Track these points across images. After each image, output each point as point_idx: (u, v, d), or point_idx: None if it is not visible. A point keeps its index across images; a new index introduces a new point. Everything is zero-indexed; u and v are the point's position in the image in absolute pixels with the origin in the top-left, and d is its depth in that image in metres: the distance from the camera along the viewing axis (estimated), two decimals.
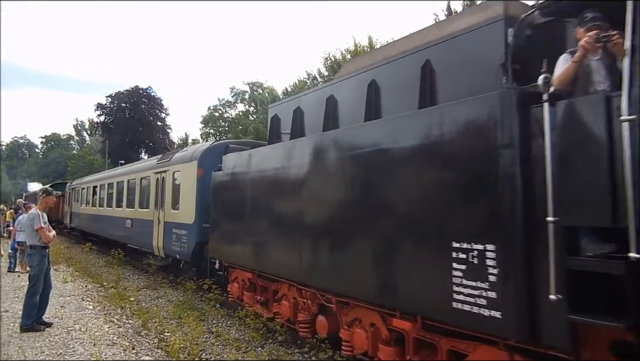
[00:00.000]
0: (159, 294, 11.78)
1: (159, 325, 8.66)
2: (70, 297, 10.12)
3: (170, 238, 12.24)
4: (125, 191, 17.39)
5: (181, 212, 11.82)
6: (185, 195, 11.67)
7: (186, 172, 11.85)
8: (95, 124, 67.03)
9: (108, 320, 8.38)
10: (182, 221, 11.60)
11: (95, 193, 22.65)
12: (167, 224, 12.67)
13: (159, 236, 13.20)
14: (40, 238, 7.54)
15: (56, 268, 13.81)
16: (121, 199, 17.91)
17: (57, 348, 6.56)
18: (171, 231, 12.24)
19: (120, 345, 6.81)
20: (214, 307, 9.87)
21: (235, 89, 57.94)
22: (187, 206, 11.45)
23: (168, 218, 12.66)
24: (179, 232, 11.72)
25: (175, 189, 12.53)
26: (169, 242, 12.40)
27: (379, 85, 5.92)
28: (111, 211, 19.07)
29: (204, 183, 10.59)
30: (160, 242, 13.09)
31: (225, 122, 56.19)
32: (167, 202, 12.86)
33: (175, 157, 13.09)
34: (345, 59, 34.62)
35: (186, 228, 11.36)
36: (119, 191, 18.49)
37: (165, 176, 13.21)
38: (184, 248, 11.36)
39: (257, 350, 7.38)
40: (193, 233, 11.02)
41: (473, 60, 4.61)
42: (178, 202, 12.18)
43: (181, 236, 11.55)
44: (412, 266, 4.70)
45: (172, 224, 12.25)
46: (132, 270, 16.26)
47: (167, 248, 12.58)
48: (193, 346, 7.03)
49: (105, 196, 20.57)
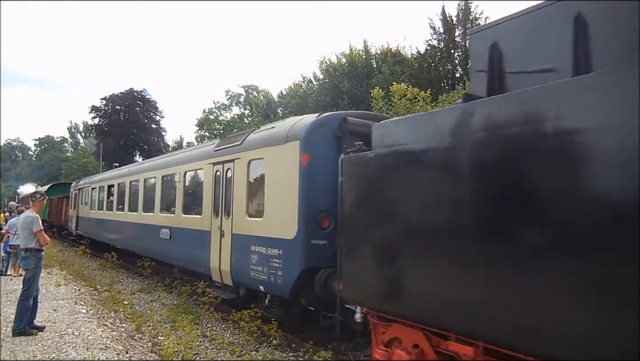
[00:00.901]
0: (153, 298, 11.71)
1: (153, 328, 8.62)
2: (63, 301, 10.04)
3: (247, 258, 8.22)
4: (159, 191, 13.22)
5: (269, 221, 7.87)
6: (278, 195, 7.72)
7: (278, 159, 7.86)
8: (90, 127, 66.82)
9: (101, 324, 8.33)
10: (273, 235, 7.68)
11: (111, 193, 18.40)
12: (238, 238, 8.70)
13: (222, 254, 9.17)
14: (37, 240, 7.51)
15: (49, 271, 13.73)
16: (151, 202, 13.66)
17: (49, 352, 6.52)
18: (247, 248, 8.25)
19: (113, 349, 6.78)
20: (209, 310, 9.83)
21: (231, 92, 58.24)
22: (283, 211, 7.52)
23: (240, 229, 8.68)
24: (266, 251, 7.77)
25: (254, 186, 8.59)
26: (243, 265, 8.36)
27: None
28: (136, 217, 14.84)
29: (313, 174, 7.09)
30: (224, 263, 9.01)
31: (220, 125, 56.24)
32: (237, 205, 8.82)
33: (251, 139, 8.87)
34: (340, 62, 34.75)
35: (281, 245, 7.44)
36: (147, 190, 14.37)
37: (233, 167, 9.11)
38: (277, 276, 7.43)
39: (252, 353, 7.36)
40: (296, 253, 7.12)
41: None
42: (262, 206, 8.16)
43: (270, 258, 7.63)
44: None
45: (251, 238, 8.24)
46: (126, 273, 16.18)
47: (240, 274, 8.59)
48: (187, 350, 6.99)
49: (126, 198, 16.29)
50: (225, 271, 8.96)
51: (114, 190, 17.96)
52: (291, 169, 7.33)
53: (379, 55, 34.47)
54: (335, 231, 6.56)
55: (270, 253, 7.68)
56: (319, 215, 7.03)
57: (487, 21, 33.15)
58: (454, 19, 32.73)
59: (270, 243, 7.73)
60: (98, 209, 20.03)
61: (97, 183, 20.92)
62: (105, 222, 18.71)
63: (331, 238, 6.73)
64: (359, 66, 33.78)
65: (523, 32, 4.37)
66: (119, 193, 17.40)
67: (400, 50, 34.59)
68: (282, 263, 7.37)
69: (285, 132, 7.77)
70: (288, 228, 7.29)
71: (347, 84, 32.42)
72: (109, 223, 18.16)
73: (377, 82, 28.59)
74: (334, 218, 6.74)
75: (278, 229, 7.57)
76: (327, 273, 6.67)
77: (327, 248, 6.84)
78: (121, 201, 16.96)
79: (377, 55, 34.60)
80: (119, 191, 17.40)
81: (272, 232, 7.73)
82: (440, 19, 32.77)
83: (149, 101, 62.20)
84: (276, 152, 7.89)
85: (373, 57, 34.80)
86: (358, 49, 34.83)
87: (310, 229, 7.02)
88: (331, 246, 6.66)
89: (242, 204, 8.67)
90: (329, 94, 33.22)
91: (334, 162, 6.31)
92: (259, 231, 8.11)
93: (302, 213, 7.08)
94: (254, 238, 8.15)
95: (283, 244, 7.42)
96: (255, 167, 8.58)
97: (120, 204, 17.03)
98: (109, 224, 18.10)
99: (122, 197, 16.88)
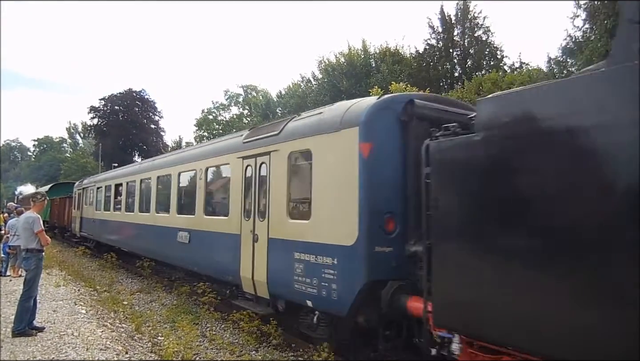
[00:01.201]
0: (153, 298, 11.71)
1: (152, 329, 8.61)
2: (63, 301, 10.03)
3: (289, 267, 7.03)
4: (175, 190, 11.90)
5: (319, 224, 6.67)
6: (331, 193, 6.51)
7: (329, 150, 6.63)
8: (89, 127, 66.86)
9: (101, 324, 8.32)
10: (325, 241, 6.49)
11: (119, 193, 17.20)
12: (277, 243, 7.53)
13: (255, 261, 7.99)
14: (38, 241, 7.52)
15: (48, 272, 13.71)
16: (166, 202, 12.37)
17: (49, 352, 6.51)
18: (289, 256, 7.07)
19: (113, 350, 6.77)
20: (208, 311, 9.82)
21: (230, 92, 58.19)
22: (337, 213, 6.33)
23: (280, 233, 7.49)
24: (316, 260, 6.56)
25: (297, 182, 7.43)
26: (284, 275, 7.17)
27: None
28: (148, 218, 13.60)
29: (375, 167, 5.97)
30: (259, 272, 7.84)
31: (219, 125, 56.24)
32: (275, 206, 7.64)
33: (292, 128, 7.67)
34: (339, 62, 34.77)
35: (336, 253, 6.25)
36: (161, 189, 13.12)
37: (268, 161, 7.92)
38: (331, 290, 6.26)
39: (252, 353, 7.36)
40: (357, 263, 5.97)
41: None
42: (308, 206, 7.00)
43: (322, 268, 6.43)
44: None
45: (295, 244, 7.07)
46: (126, 274, 16.16)
47: (279, 286, 7.43)
48: (187, 350, 6.99)
49: (136, 198, 15.08)
50: (260, 281, 7.75)
51: (122, 189, 16.74)
52: (347, 161, 6.13)
53: (377, 54, 34.51)
54: (401, 236, 5.79)
55: (322, 262, 6.46)
56: (384, 217, 5.88)
57: (486, 21, 33.20)
58: (453, 19, 32.76)
59: (321, 250, 6.50)
60: (104, 209, 18.73)
61: (103, 182, 19.62)
62: (112, 223, 17.52)
63: (397, 245, 5.83)
64: (358, 65, 33.80)
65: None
66: (127, 193, 16.22)
67: (399, 49, 34.65)
68: (337, 275, 6.19)
69: (339, 118, 6.53)
70: (345, 232, 6.10)
71: (346, 84, 32.44)
72: (116, 225, 16.99)
73: (376, 82, 28.63)
74: (400, 221, 5.87)
75: (331, 234, 6.37)
76: (395, 287, 5.74)
77: (392, 257, 5.84)
78: (131, 201, 15.67)
79: (376, 54, 34.64)
80: (127, 191, 16.22)
81: (323, 237, 6.51)
82: (439, 19, 32.83)
83: (147, 101, 62.24)
84: (327, 142, 6.64)
85: (372, 56, 34.83)
86: (357, 49, 34.91)
87: (373, 234, 5.84)
88: (397, 254, 5.80)
89: (282, 204, 7.44)
90: (328, 93, 33.25)
91: (399, 152, 5.73)
92: (305, 235, 6.87)
93: (363, 214, 5.87)
94: (299, 244, 6.94)
95: (339, 252, 6.21)
96: (298, 160, 7.37)
97: (130, 204, 15.70)
98: (117, 226, 16.89)
99: (131, 197, 15.65)
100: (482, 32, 32.60)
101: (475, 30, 32.62)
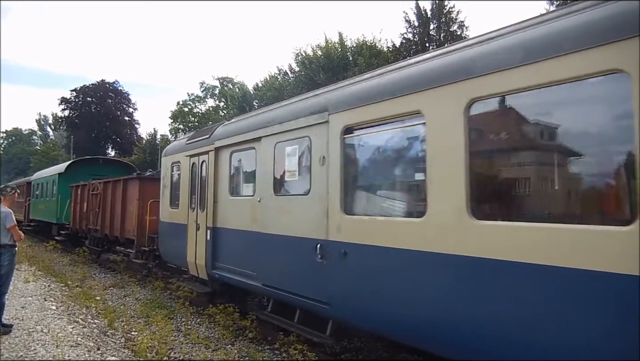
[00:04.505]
0: (127, 293, 11.52)
1: (126, 324, 8.48)
2: (32, 297, 9.78)
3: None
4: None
5: None
6: None
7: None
8: (60, 119, 65.17)
9: (72, 321, 8.15)
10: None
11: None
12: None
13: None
14: (11, 236, 7.35)
15: (17, 268, 13.29)
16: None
17: (17, 350, 6.32)
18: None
19: (84, 346, 6.63)
20: (183, 305, 9.72)
21: (205, 84, 57.33)
22: None
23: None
24: None
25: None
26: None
27: None
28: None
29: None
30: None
31: (195, 117, 55.50)
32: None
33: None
34: (316, 55, 34.63)
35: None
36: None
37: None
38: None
39: (227, 347, 7.32)
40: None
41: None
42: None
43: None
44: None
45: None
46: (99, 268, 15.85)
47: None
48: (161, 345, 6.90)
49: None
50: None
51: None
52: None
53: (354, 48, 34.48)
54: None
55: None
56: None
57: (460, 15, 33.43)
58: (429, 13, 32.98)
59: None
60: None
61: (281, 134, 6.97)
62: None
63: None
64: (335, 58, 33.73)
65: None
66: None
67: (376, 43, 34.67)
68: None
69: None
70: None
71: (323, 77, 32.33)
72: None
73: (353, 75, 28.64)
74: None
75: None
76: None
77: None
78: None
79: (353, 48, 34.60)
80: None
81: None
82: (414, 13, 32.99)
83: (121, 92, 61.16)
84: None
85: (349, 50, 34.78)
86: (334, 42, 34.76)
87: None
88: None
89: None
90: (305, 86, 33.09)
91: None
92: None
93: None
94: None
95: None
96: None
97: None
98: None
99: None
100: (457, 27, 32.93)
101: (450, 25, 32.93)
